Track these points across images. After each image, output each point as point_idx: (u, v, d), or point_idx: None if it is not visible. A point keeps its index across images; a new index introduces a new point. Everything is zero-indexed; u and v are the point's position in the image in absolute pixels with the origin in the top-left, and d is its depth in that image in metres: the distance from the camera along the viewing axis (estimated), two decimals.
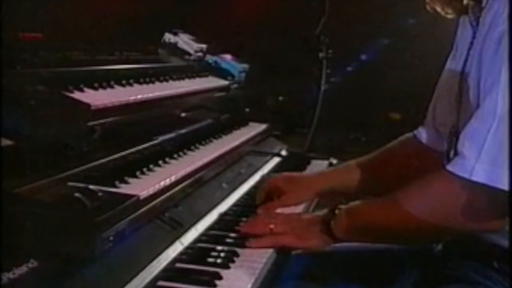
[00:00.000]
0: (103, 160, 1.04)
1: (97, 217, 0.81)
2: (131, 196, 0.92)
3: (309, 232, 1.09)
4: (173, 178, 1.08)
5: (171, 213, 1.06)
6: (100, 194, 0.88)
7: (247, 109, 1.89)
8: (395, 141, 1.37)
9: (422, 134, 1.30)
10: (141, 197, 0.94)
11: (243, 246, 1.08)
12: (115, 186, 0.97)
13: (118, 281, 0.84)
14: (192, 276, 0.93)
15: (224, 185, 1.34)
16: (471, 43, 1.02)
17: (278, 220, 1.13)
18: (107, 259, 0.84)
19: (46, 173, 0.91)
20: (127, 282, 0.84)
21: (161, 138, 1.28)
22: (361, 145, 3.43)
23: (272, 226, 1.10)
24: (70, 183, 0.95)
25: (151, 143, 1.23)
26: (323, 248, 1.10)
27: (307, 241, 1.09)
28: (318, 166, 1.67)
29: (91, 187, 0.90)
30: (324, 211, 1.11)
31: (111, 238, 0.83)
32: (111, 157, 1.07)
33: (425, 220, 0.97)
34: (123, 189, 0.97)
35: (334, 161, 1.69)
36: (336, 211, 1.08)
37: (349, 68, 3.67)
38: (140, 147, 1.17)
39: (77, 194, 0.85)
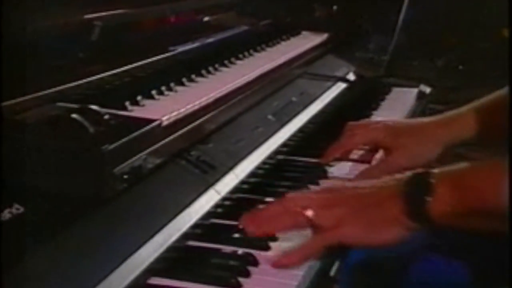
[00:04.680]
0: (107, 73, 1.04)
1: (104, 147, 0.80)
2: (150, 121, 0.91)
3: (385, 216, 0.87)
4: (203, 101, 1.07)
5: (200, 150, 1.06)
6: (106, 117, 0.87)
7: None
8: None
9: None
10: (163, 123, 0.94)
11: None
12: (124, 109, 0.97)
13: (135, 238, 0.83)
14: (232, 236, 0.94)
15: (269, 116, 1.33)
16: None
17: (320, 197, 0.91)
18: (119, 207, 0.84)
19: (26, 87, 0.91)
20: (146, 240, 0.84)
21: (181, 48, 1.28)
22: (455, 75, 3.32)
23: (310, 212, 0.88)
24: (60, 104, 0.95)
25: (170, 53, 1.23)
26: (401, 241, 0.89)
27: (382, 233, 0.88)
28: (403, 95, 1.64)
29: (93, 107, 0.89)
30: (400, 177, 0.90)
31: (125, 176, 0.83)
32: (117, 70, 1.07)
33: None
34: (136, 112, 0.97)
35: (427, 89, 1.63)
36: (431, 180, 0.86)
37: None
38: (155, 58, 1.18)
39: (74, 116, 0.84)
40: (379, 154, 1.28)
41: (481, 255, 1.06)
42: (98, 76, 1.03)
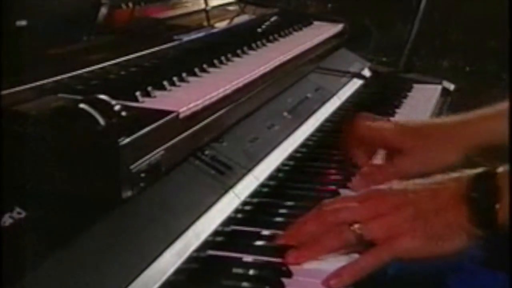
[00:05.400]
0: (113, 61, 1.00)
1: (120, 139, 0.74)
2: (167, 112, 0.85)
3: (448, 224, 0.82)
4: (221, 92, 1.01)
5: (215, 148, 1.01)
6: (117, 108, 0.81)
7: None
8: None
9: None
10: (181, 115, 0.88)
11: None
12: (135, 100, 0.91)
13: (151, 247, 0.76)
14: (257, 245, 0.89)
15: (285, 114, 1.28)
16: None
17: (365, 206, 0.85)
18: (134, 212, 0.77)
19: (22, 76, 0.86)
20: (163, 250, 0.77)
21: (192, 36, 1.24)
22: (462, 77, 3.28)
23: (357, 226, 0.83)
24: (62, 95, 0.89)
25: (180, 42, 1.19)
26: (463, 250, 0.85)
27: (445, 244, 0.83)
28: (426, 93, 1.59)
29: (102, 97, 0.82)
30: (459, 177, 0.85)
31: (142, 174, 0.77)
32: (124, 58, 1.02)
33: None
34: (148, 103, 0.91)
35: (451, 86, 1.59)
36: (499, 183, 0.81)
37: None
38: (165, 46, 1.14)
39: (83, 106, 0.78)
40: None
41: None
42: (104, 64, 0.99)
